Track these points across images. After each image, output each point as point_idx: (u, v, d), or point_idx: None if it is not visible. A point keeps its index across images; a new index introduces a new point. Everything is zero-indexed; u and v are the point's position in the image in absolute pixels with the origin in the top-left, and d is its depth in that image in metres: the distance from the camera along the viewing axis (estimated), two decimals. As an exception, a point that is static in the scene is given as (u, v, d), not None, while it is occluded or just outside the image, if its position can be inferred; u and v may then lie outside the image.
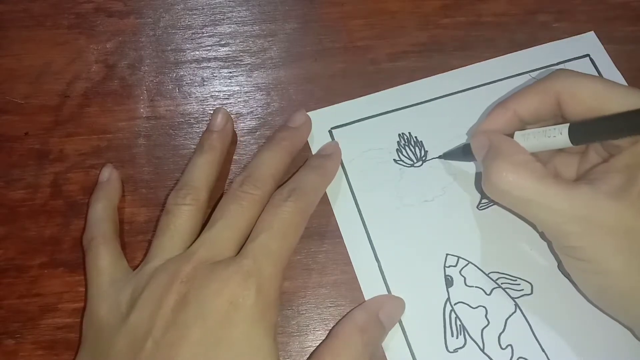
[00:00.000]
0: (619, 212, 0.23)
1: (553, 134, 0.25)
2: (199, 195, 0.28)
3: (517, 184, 0.24)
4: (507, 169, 0.25)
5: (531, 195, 0.24)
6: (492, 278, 0.29)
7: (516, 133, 0.27)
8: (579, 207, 0.24)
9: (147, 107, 0.34)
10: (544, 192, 0.24)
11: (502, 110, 0.28)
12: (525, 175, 0.24)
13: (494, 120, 0.28)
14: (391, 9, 0.36)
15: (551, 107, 0.27)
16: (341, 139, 0.32)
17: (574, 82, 0.26)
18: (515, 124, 0.27)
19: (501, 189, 0.25)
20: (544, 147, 0.26)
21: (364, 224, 0.30)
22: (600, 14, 0.35)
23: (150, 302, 0.24)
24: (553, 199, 0.24)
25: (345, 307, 0.28)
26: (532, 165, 0.25)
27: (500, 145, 0.26)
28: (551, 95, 0.26)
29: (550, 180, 0.24)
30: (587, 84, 0.26)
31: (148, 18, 0.36)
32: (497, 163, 0.25)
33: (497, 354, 0.27)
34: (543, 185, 0.24)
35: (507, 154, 0.25)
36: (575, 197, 0.24)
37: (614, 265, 0.23)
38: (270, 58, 0.35)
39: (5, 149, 0.32)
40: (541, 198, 0.24)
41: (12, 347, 0.28)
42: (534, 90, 0.27)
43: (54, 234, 0.30)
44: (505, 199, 0.26)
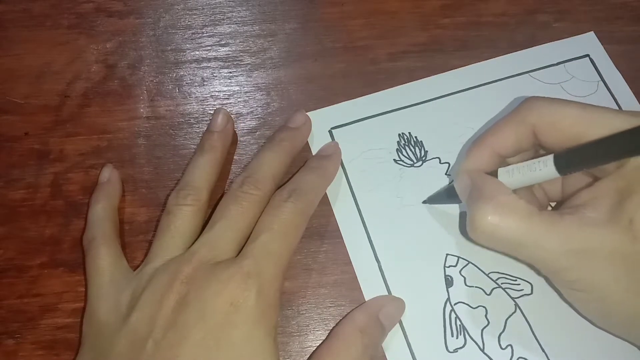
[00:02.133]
0: (612, 239, 0.22)
1: (538, 167, 0.24)
2: (199, 195, 0.28)
3: (501, 227, 0.23)
4: (490, 212, 0.23)
5: (518, 237, 0.23)
6: (492, 278, 0.29)
7: (500, 170, 0.26)
8: (569, 241, 0.23)
9: (147, 107, 0.34)
10: (530, 231, 0.23)
11: (479, 148, 0.27)
12: (509, 216, 0.23)
13: (474, 160, 0.27)
14: (391, 9, 0.36)
15: (529, 138, 0.26)
16: (341, 139, 0.32)
17: (550, 111, 0.25)
18: (495, 161, 0.26)
19: (486, 233, 0.24)
20: (530, 181, 0.25)
21: (364, 224, 0.30)
22: (600, 14, 0.35)
23: (151, 303, 0.24)
24: (542, 237, 0.23)
25: (345, 307, 0.28)
26: (516, 204, 0.24)
27: (482, 186, 0.25)
28: (527, 127, 0.25)
29: (536, 218, 0.23)
30: (563, 112, 0.24)
31: (148, 18, 0.36)
32: (479, 206, 0.24)
33: (497, 354, 0.27)
34: (529, 225, 0.23)
35: (489, 196, 0.24)
36: (564, 231, 0.23)
37: (613, 292, 0.23)
38: (270, 58, 0.35)
39: (5, 149, 0.32)
40: (529, 238, 0.23)
41: (12, 347, 0.28)
42: (508, 124, 0.26)
43: (54, 234, 0.30)
44: (492, 243, 0.25)
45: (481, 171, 0.26)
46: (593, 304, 0.24)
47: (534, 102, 0.26)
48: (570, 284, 0.24)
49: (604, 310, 0.24)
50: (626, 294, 0.23)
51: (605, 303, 0.24)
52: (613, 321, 0.25)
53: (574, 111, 0.24)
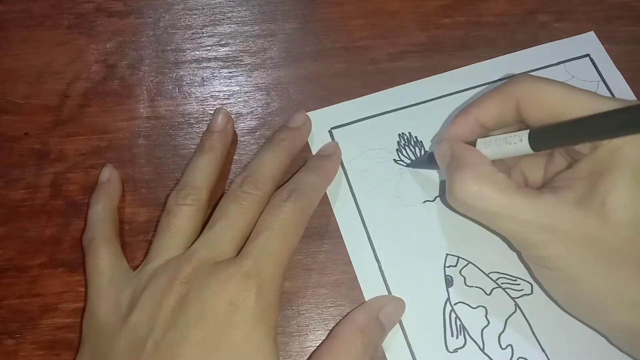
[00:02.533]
0: (583, 221, 0.23)
1: (513, 140, 0.25)
2: (199, 195, 0.28)
3: (480, 196, 0.24)
4: (469, 180, 0.24)
5: (495, 207, 0.24)
6: (492, 278, 0.29)
7: (478, 140, 0.26)
8: (544, 217, 0.23)
9: (147, 107, 0.34)
10: (508, 203, 0.24)
11: (464, 117, 0.27)
12: (488, 186, 0.24)
13: (457, 128, 0.27)
14: (391, 9, 0.36)
15: (512, 113, 0.26)
16: (341, 139, 0.32)
17: (534, 87, 0.25)
18: (478, 131, 0.27)
19: (464, 201, 0.25)
20: (505, 154, 0.25)
21: (364, 224, 0.30)
22: (600, 14, 0.35)
23: (151, 303, 0.24)
24: (517, 209, 0.23)
25: (345, 307, 0.28)
26: (495, 176, 0.24)
27: (462, 155, 0.25)
28: (511, 101, 0.26)
29: (514, 191, 0.24)
30: (547, 89, 0.25)
31: (148, 18, 0.36)
32: (459, 174, 0.25)
33: (497, 354, 0.27)
34: (507, 196, 0.24)
35: (469, 165, 0.25)
36: (540, 206, 0.23)
37: (580, 273, 0.23)
38: (270, 58, 0.35)
39: (5, 149, 0.32)
40: (505, 209, 0.24)
41: (12, 347, 0.28)
42: (494, 96, 0.26)
43: (54, 234, 0.30)
44: (469, 211, 0.25)
45: (462, 140, 0.27)
46: (560, 284, 0.25)
47: (521, 77, 0.26)
48: (540, 260, 0.25)
49: (570, 292, 0.25)
50: (591, 275, 0.23)
51: (571, 284, 0.24)
52: (579, 305, 0.25)
53: (557, 90, 0.25)
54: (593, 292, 0.24)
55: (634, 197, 0.22)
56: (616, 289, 0.23)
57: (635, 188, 0.22)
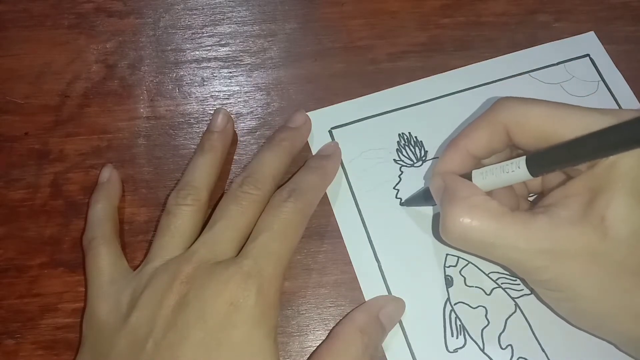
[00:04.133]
0: (582, 238, 0.22)
1: (511, 169, 0.24)
2: (199, 195, 0.28)
3: (473, 228, 0.23)
4: (462, 213, 0.23)
5: (490, 238, 0.23)
6: (492, 278, 0.29)
7: (474, 172, 0.26)
8: (540, 241, 0.23)
9: (147, 107, 0.34)
10: (502, 232, 0.23)
11: (453, 150, 0.27)
12: (481, 217, 0.23)
13: (448, 162, 0.27)
14: (391, 9, 0.36)
15: (501, 139, 0.26)
16: (341, 139, 0.32)
17: (520, 110, 0.25)
18: (470, 162, 0.27)
19: (458, 235, 0.24)
20: (504, 183, 0.25)
21: (364, 224, 0.30)
22: (600, 14, 0.35)
23: (151, 303, 0.24)
24: (514, 238, 0.23)
25: (345, 307, 0.28)
26: (488, 205, 0.24)
27: (454, 188, 0.25)
28: (499, 128, 0.25)
29: (508, 219, 0.23)
30: (533, 110, 0.24)
31: (148, 18, 0.36)
32: (451, 207, 0.24)
33: (497, 354, 0.27)
34: (501, 225, 0.23)
35: (461, 197, 0.24)
36: (535, 231, 0.23)
37: (584, 290, 0.23)
38: (270, 58, 0.35)
39: (5, 149, 0.32)
40: (501, 239, 0.23)
41: (12, 347, 0.28)
42: (480, 125, 0.26)
43: (54, 234, 0.30)
44: (464, 244, 0.25)
45: (455, 173, 0.26)
46: (566, 303, 0.25)
47: (505, 102, 0.26)
48: (543, 284, 0.24)
49: (576, 309, 0.24)
50: (597, 292, 0.23)
51: (577, 302, 0.24)
52: (586, 319, 0.25)
53: (543, 110, 0.24)
54: (598, 307, 0.23)
55: (633, 211, 0.22)
56: (621, 302, 0.23)
57: (633, 202, 0.22)
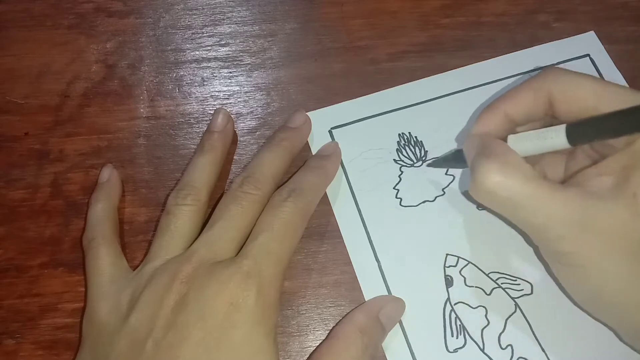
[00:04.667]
0: (613, 214, 0.22)
1: (550, 135, 0.24)
2: (199, 195, 0.28)
3: (504, 185, 0.23)
4: (494, 170, 0.23)
5: (519, 197, 0.23)
6: (492, 278, 0.29)
7: (510, 137, 0.26)
8: (570, 210, 0.23)
9: (147, 107, 0.34)
10: (533, 193, 0.23)
11: (492, 112, 0.27)
12: (513, 175, 0.23)
13: (485, 123, 0.27)
14: (391, 9, 0.36)
15: (543, 107, 0.26)
16: (341, 139, 0.32)
17: (567, 81, 0.25)
18: (506, 126, 0.26)
19: (487, 191, 0.24)
20: (539, 149, 0.25)
21: (364, 224, 0.30)
22: (600, 14, 0.35)
23: (151, 303, 0.24)
24: (543, 201, 0.23)
25: (345, 307, 0.28)
26: (521, 166, 0.24)
27: (489, 147, 0.25)
28: (543, 95, 0.25)
29: (540, 182, 0.23)
30: (580, 83, 0.25)
31: (148, 18, 0.36)
32: (484, 163, 0.24)
33: (497, 354, 0.27)
34: (532, 187, 0.23)
35: (495, 155, 0.24)
36: (567, 199, 0.23)
37: (603, 270, 0.23)
38: (270, 58, 0.35)
39: (5, 149, 0.32)
40: (530, 200, 0.23)
41: (12, 347, 0.28)
42: (525, 90, 0.26)
43: (54, 234, 0.30)
44: (492, 201, 0.24)
45: (491, 135, 0.26)
46: (581, 282, 0.24)
47: (553, 71, 0.26)
48: (562, 257, 0.24)
49: (589, 290, 0.24)
50: (614, 272, 0.23)
51: (593, 282, 0.23)
52: (599, 301, 0.24)
53: (591, 84, 0.24)
54: (614, 290, 0.23)
55: None
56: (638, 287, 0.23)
57: None
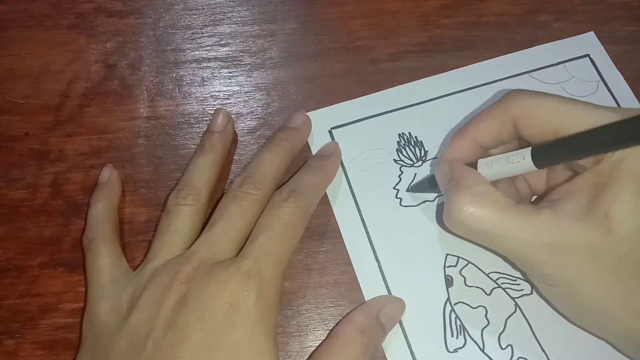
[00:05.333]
0: (585, 233, 0.22)
1: (516, 159, 0.25)
2: (199, 195, 0.28)
3: (476, 217, 0.24)
4: (467, 201, 0.24)
5: (493, 228, 0.23)
6: (492, 278, 0.29)
7: (479, 161, 0.26)
8: (543, 234, 0.23)
9: (147, 107, 0.34)
10: (505, 222, 0.23)
11: (461, 139, 0.27)
12: (485, 206, 0.24)
13: (455, 150, 0.27)
14: (391, 9, 0.36)
15: (510, 130, 0.26)
16: (341, 139, 0.32)
17: (528, 104, 0.25)
18: (477, 151, 0.27)
19: (461, 222, 0.24)
20: (508, 173, 0.25)
21: (364, 224, 0.30)
22: (600, 14, 0.35)
23: (151, 303, 0.24)
24: (516, 229, 0.23)
25: (345, 307, 0.28)
26: (493, 195, 0.24)
27: (459, 176, 0.25)
28: (508, 119, 0.26)
29: (512, 210, 0.23)
30: (543, 104, 0.25)
31: (148, 18, 0.36)
32: (456, 195, 0.24)
33: (497, 354, 0.27)
34: (504, 216, 0.23)
35: (466, 185, 0.24)
36: (539, 224, 0.23)
37: (584, 286, 0.23)
38: (270, 58, 0.35)
39: (5, 149, 0.32)
40: (503, 229, 0.23)
41: (12, 347, 0.28)
42: (489, 115, 0.26)
43: (54, 234, 0.30)
44: (467, 233, 0.25)
45: (461, 162, 0.26)
46: (565, 298, 0.25)
47: (515, 94, 0.26)
48: (544, 278, 0.25)
49: (575, 306, 0.25)
50: (596, 289, 0.23)
51: (576, 298, 0.24)
52: (584, 316, 0.25)
53: (553, 104, 0.25)
54: (597, 304, 0.23)
55: (637, 208, 0.22)
56: (621, 299, 0.23)
57: (638, 199, 0.22)
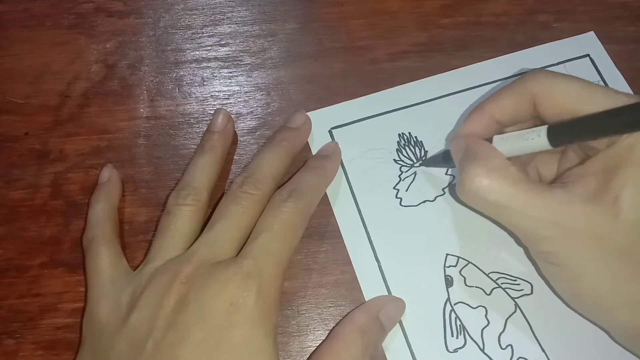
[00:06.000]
0: (592, 218, 0.23)
1: (531, 136, 0.25)
2: (199, 195, 0.28)
3: (490, 189, 0.24)
4: (481, 173, 0.24)
5: (504, 200, 0.24)
6: (492, 278, 0.29)
7: (495, 137, 0.26)
8: (552, 212, 0.23)
9: (147, 107, 0.34)
10: (517, 197, 0.24)
11: (478, 114, 0.27)
12: (499, 179, 0.24)
13: (472, 125, 0.27)
14: (391, 9, 0.36)
15: (528, 108, 0.26)
16: (341, 139, 0.32)
17: (550, 83, 0.25)
18: (493, 127, 0.27)
19: (474, 194, 0.24)
20: (523, 150, 0.25)
21: (364, 224, 0.30)
22: (600, 14, 0.35)
23: (151, 303, 0.24)
24: (527, 203, 0.23)
25: (345, 307, 0.28)
26: (507, 169, 0.24)
27: (476, 149, 0.25)
28: (527, 97, 0.26)
29: (525, 185, 0.24)
30: (563, 84, 0.25)
31: (148, 18, 0.36)
32: (471, 167, 0.24)
33: (497, 354, 0.27)
34: (517, 190, 0.24)
35: (481, 158, 0.25)
36: (550, 201, 0.23)
37: (587, 270, 0.23)
38: (270, 58, 0.35)
39: (5, 149, 0.32)
40: (515, 203, 0.24)
41: (12, 347, 0.28)
42: (509, 92, 0.26)
43: (54, 234, 0.30)
44: (479, 204, 0.25)
45: (477, 136, 0.27)
46: (565, 280, 0.25)
47: (537, 73, 0.26)
48: (547, 256, 0.25)
49: (574, 289, 0.25)
50: (598, 272, 0.23)
51: (577, 281, 0.24)
52: (582, 301, 0.25)
53: (572, 85, 0.25)
54: (598, 290, 0.23)
55: None
56: (621, 288, 0.23)
57: None
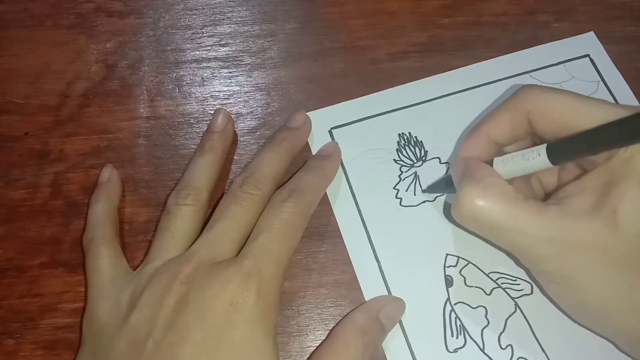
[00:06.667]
0: (592, 231, 0.22)
1: (532, 156, 0.24)
2: (199, 195, 0.28)
3: (486, 209, 0.23)
4: (476, 194, 0.24)
5: (501, 221, 0.23)
6: (492, 278, 0.29)
7: (495, 160, 0.26)
8: (550, 230, 0.23)
9: (147, 107, 0.34)
10: (514, 217, 0.23)
11: (475, 137, 0.27)
12: (495, 200, 0.23)
13: (470, 148, 0.27)
14: (391, 9, 0.36)
15: (524, 126, 0.26)
16: (341, 139, 0.32)
17: (542, 99, 0.25)
18: (492, 148, 0.27)
19: (470, 214, 0.24)
20: (524, 170, 0.25)
21: (364, 224, 0.30)
22: (600, 14, 0.35)
23: (151, 303, 0.24)
24: (524, 223, 0.23)
25: (345, 307, 0.28)
26: (502, 188, 0.24)
27: (472, 170, 0.25)
28: (522, 115, 0.26)
29: (520, 204, 0.23)
30: (556, 100, 0.25)
31: (148, 18, 0.36)
32: (466, 187, 0.24)
33: (497, 354, 0.27)
34: (513, 210, 0.23)
35: (477, 178, 0.24)
36: (547, 219, 0.23)
37: (588, 284, 0.23)
38: (270, 58, 0.35)
39: (5, 149, 0.32)
40: (512, 224, 0.23)
41: (12, 347, 0.28)
42: (503, 111, 0.26)
43: (54, 234, 0.30)
44: (474, 225, 0.25)
45: (477, 158, 0.26)
46: (569, 296, 0.25)
47: (528, 89, 0.26)
48: (548, 275, 0.25)
49: (579, 303, 0.25)
50: (600, 287, 0.23)
51: (579, 296, 0.24)
52: (587, 315, 0.25)
53: (567, 100, 0.25)
54: (600, 303, 0.23)
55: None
56: (625, 297, 0.23)
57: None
